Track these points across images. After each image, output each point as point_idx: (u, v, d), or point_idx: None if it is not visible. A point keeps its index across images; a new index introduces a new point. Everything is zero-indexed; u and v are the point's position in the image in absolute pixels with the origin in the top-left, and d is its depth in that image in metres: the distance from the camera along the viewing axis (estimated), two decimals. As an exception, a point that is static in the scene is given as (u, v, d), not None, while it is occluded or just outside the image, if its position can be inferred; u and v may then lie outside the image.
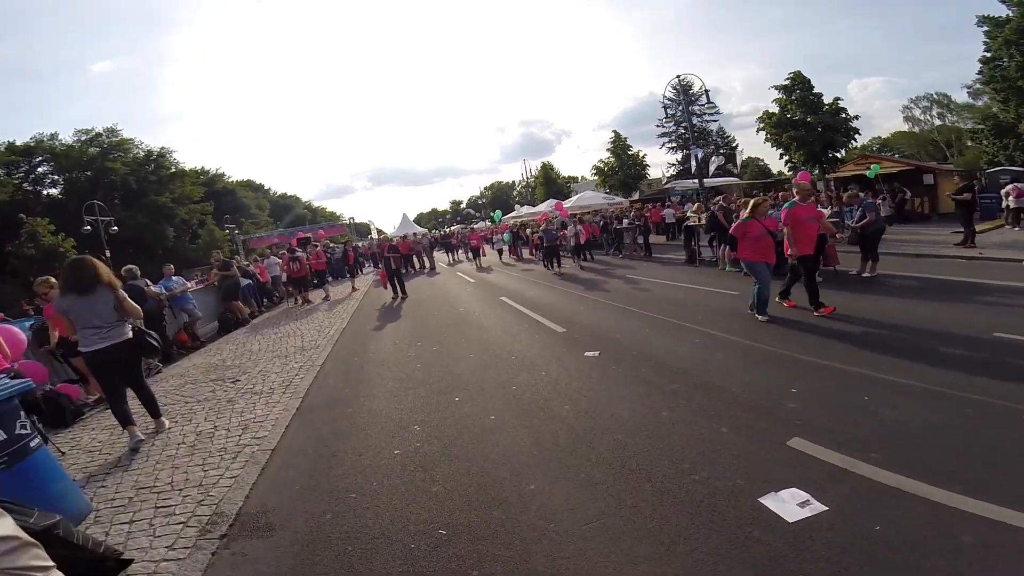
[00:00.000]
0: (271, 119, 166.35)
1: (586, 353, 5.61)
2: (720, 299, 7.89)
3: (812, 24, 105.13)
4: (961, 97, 42.93)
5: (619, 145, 32.55)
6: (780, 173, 51.99)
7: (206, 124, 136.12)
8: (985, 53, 22.55)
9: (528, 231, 19.97)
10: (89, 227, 29.66)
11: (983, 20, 22.68)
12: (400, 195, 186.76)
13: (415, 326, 8.72)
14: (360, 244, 29.72)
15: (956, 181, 15.88)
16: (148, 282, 9.34)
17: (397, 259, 12.70)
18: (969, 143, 40.30)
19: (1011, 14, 21.30)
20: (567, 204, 26.04)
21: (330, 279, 20.88)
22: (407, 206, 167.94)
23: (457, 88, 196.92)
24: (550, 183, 52.32)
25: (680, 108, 41.20)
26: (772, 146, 24.65)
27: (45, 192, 45.59)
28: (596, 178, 34.34)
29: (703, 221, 12.36)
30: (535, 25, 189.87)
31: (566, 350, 5.92)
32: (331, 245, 25.00)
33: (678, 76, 20.90)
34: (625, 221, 17.58)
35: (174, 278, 10.12)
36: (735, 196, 16.91)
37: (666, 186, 32.38)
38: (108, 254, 30.32)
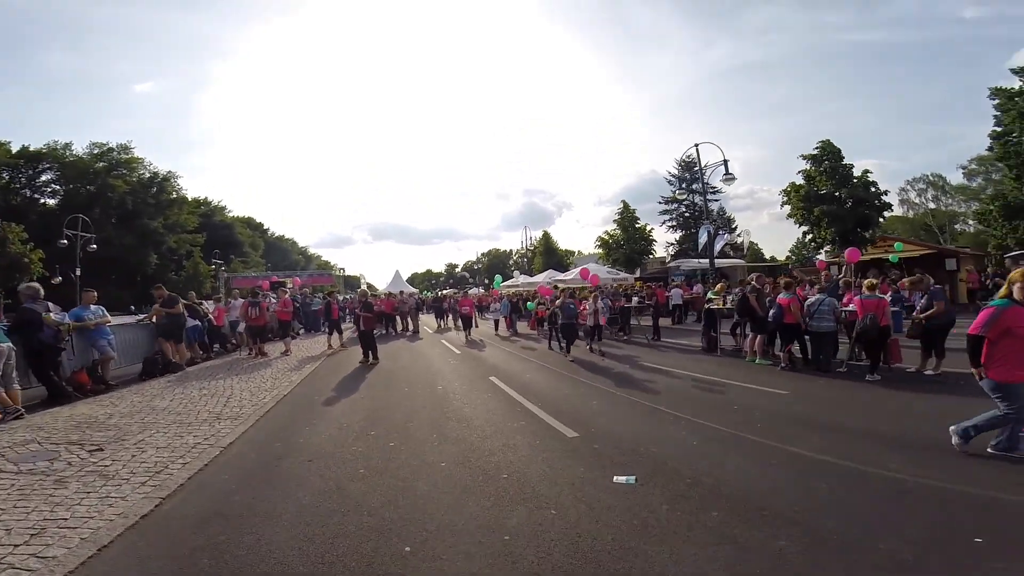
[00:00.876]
0: (283, 160, 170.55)
1: (616, 478, 3.75)
2: (771, 401, 6.21)
3: (807, 106, 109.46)
4: (956, 178, 42.26)
5: (627, 217, 31.38)
6: (773, 258, 52.09)
7: (223, 157, 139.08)
8: (996, 127, 21.75)
9: (532, 303, 17.91)
10: (66, 240, 28.03)
11: (995, 92, 21.90)
12: (398, 252, 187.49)
13: (376, 406, 6.72)
14: (346, 297, 27.06)
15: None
16: (52, 306, 7.45)
17: (369, 319, 10.88)
18: (966, 226, 40.52)
19: None
20: (567, 276, 24.53)
21: (300, 331, 18.97)
22: (403, 264, 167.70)
23: (464, 151, 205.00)
24: (550, 253, 51.54)
25: (688, 184, 41.62)
26: (796, 223, 22.77)
27: (43, 200, 44.19)
28: (600, 251, 32.97)
29: (728, 304, 10.79)
30: (545, 95, 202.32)
31: (584, 469, 4.02)
32: (309, 295, 23.03)
33: (696, 144, 19.83)
34: (635, 300, 16.06)
35: (92, 307, 8.25)
36: (757, 277, 15.46)
37: (669, 264, 31.08)
38: (78, 272, 28.37)
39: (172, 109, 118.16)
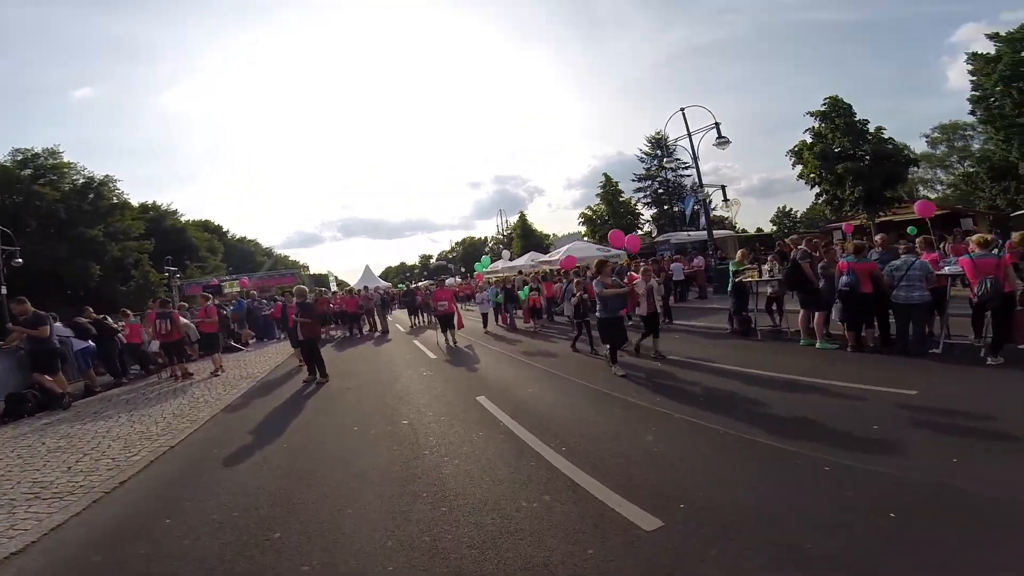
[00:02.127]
0: (241, 160, 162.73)
1: None
2: (919, 411, 3.98)
3: (764, 86, 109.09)
4: (920, 147, 42.57)
5: (609, 191, 29.05)
6: (759, 229, 51.25)
7: (173, 161, 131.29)
8: (974, 92, 21.79)
9: (525, 289, 14.07)
10: None
11: (972, 57, 21.96)
12: (370, 247, 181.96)
13: (300, 467, 4.33)
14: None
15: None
16: None
17: (310, 326, 8.23)
18: (934, 191, 41.26)
19: (1003, 49, 20.50)
20: (551, 258, 22.18)
21: (251, 341, 16.31)
22: (377, 259, 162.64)
23: (432, 140, 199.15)
24: (528, 236, 47.84)
25: (660, 160, 39.07)
26: (811, 185, 21.33)
27: None
28: (583, 229, 30.52)
29: (771, 275, 8.70)
30: (512, 79, 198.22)
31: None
32: (257, 298, 20.12)
33: (682, 109, 17.81)
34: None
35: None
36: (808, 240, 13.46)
37: (657, 239, 28.92)
38: (3, 291, 24.87)
39: (113, 114, 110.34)
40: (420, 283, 37.22)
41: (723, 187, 22.13)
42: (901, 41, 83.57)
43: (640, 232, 30.24)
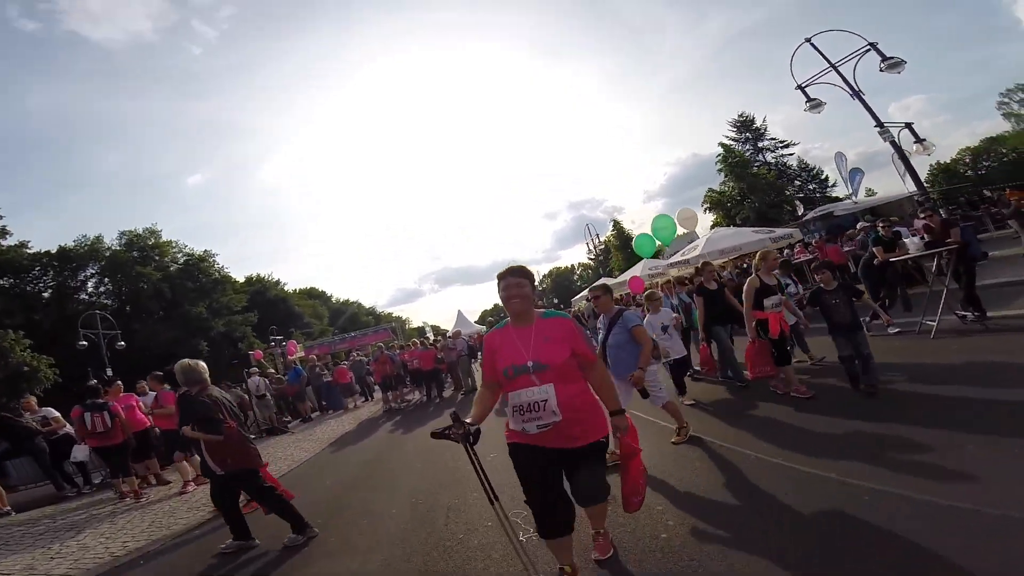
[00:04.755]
0: (334, 224, 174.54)
1: None
2: None
3: (825, 54, 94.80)
4: None
5: (733, 163, 21.68)
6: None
7: (274, 233, 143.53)
8: None
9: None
10: (85, 342, 24.79)
11: None
12: (465, 294, 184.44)
13: None
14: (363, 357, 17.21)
15: None
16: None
17: (226, 448, 3.79)
18: None
19: None
20: (685, 256, 15.39)
21: (313, 416, 12.83)
22: (471, 305, 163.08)
23: (497, 179, 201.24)
24: (626, 245, 38.89)
25: (753, 143, 31.39)
26: None
27: (87, 298, 42.00)
28: (712, 215, 23.55)
29: None
30: (563, 102, 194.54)
31: None
32: (319, 364, 15.59)
33: (808, 40, 12.73)
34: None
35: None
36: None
37: (807, 218, 21.39)
38: (109, 372, 24.77)
39: (217, 197, 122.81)
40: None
41: (909, 124, 15.46)
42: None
43: (788, 209, 23.07)
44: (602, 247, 38.90)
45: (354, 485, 5.70)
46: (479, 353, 17.68)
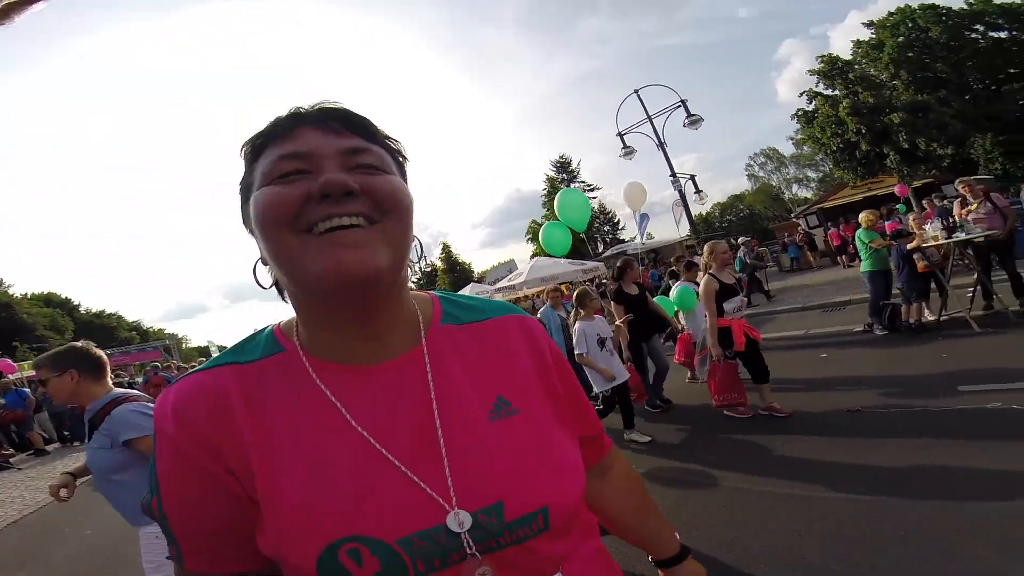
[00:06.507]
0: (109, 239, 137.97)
1: None
2: None
3: (639, 109, 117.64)
4: (787, 148, 45.96)
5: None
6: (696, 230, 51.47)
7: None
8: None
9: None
10: None
11: (821, 59, 22.01)
12: (265, 312, 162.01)
13: None
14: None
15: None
16: None
17: None
18: (808, 189, 46.21)
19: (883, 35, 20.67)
20: (512, 282, 16.04)
21: (50, 449, 9.87)
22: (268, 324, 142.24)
23: None
24: (453, 268, 42.20)
25: (567, 183, 36.64)
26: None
27: None
28: (533, 244, 25.65)
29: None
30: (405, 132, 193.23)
31: None
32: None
33: (636, 91, 14.62)
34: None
35: None
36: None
37: (604, 254, 25.27)
38: None
39: None
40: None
41: (692, 177, 18.56)
42: (738, 59, 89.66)
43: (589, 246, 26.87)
44: (429, 268, 39.12)
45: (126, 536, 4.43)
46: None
